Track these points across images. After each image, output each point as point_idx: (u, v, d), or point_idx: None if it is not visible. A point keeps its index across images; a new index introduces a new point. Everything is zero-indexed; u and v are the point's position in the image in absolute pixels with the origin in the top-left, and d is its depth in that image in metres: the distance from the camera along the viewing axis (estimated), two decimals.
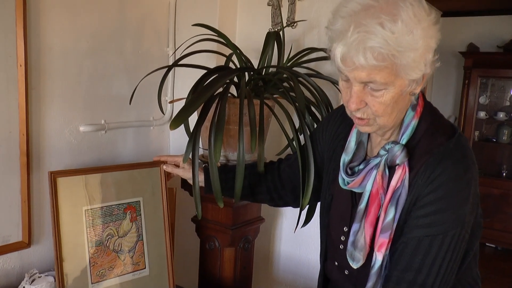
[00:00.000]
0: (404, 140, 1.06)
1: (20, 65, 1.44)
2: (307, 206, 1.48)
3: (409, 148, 1.04)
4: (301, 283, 2.03)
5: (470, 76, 4.37)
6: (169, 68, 1.52)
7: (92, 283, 1.31)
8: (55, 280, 1.27)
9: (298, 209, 1.38)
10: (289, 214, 2.01)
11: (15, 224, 1.51)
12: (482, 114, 4.50)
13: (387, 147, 1.05)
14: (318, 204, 1.36)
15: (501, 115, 4.47)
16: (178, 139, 2.03)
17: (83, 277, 1.30)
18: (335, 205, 1.22)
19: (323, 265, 1.29)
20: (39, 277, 1.29)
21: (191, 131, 1.31)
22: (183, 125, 1.63)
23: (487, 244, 4.46)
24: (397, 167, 1.04)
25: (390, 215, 1.03)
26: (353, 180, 1.10)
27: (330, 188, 1.23)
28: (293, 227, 1.99)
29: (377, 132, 1.07)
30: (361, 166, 1.10)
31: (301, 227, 1.47)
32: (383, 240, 1.04)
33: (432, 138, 1.05)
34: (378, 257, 1.04)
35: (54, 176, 1.27)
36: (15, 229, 1.51)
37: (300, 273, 2.02)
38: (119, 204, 1.39)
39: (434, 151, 1.03)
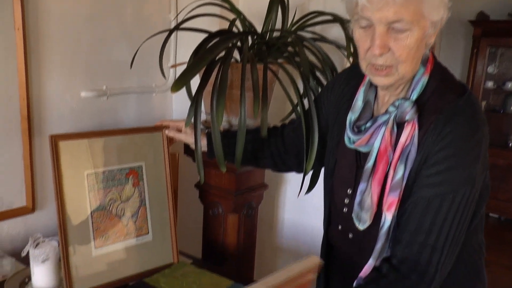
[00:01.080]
0: (414, 97, 1.04)
1: (18, 29, 1.41)
2: (311, 172, 1.47)
3: (419, 105, 1.03)
4: (304, 250, 2.04)
5: (479, 45, 4.29)
6: (170, 32, 1.49)
7: (95, 248, 1.32)
8: (59, 245, 1.27)
9: (302, 175, 1.37)
10: (292, 181, 2.00)
11: (18, 189, 1.51)
12: (490, 84, 4.44)
13: (396, 103, 1.03)
14: (322, 170, 1.35)
15: (510, 85, 4.40)
16: (180, 106, 2.02)
17: (87, 241, 1.30)
18: (338, 168, 1.20)
19: (326, 231, 1.28)
20: (43, 241, 1.29)
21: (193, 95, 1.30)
22: (185, 90, 1.61)
23: (490, 214, 4.47)
24: (406, 124, 1.02)
25: (399, 173, 1.02)
26: (359, 138, 1.09)
27: (334, 151, 1.21)
28: (296, 194, 2.00)
29: (394, 85, 1.04)
30: (368, 124, 1.08)
31: (305, 193, 1.47)
32: (392, 199, 1.02)
33: (442, 96, 1.03)
34: (388, 216, 1.03)
35: (55, 140, 1.25)
36: (19, 194, 1.52)
37: (304, 240, 2.03)
38: (121, 169, 1.38)
39: (444, 109, 1.01)
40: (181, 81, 1.21)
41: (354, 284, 1.09)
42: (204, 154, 1.37)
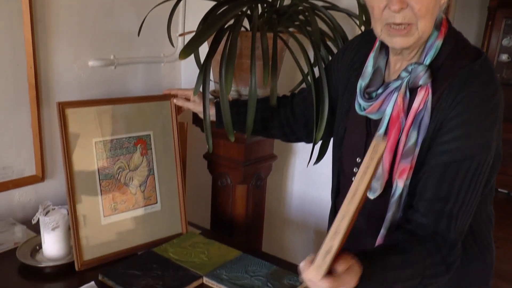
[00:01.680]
0: (427, 61, 1.01)
1: None
2: (320, 142, 1.45)
3: (432, 70, 1.00)
4: (312, 223, 2.04)
5: (494, 17, 4.19)
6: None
7: (104, 216, 1.32)
8: (68, 213, 1.28)
9: (311, 147, 1.36)
10: (301, 152, 1.99)
11: (28, 158, 1.52)
12: (504, 57, 4.35)
13: (409, 68, 1.00)
14: (331, 140, 1.33)
15: None
16: (189, 76, 2.00)
17: (96, 210, 1.31)
18: (348, 137, 1.18)
19: (334, 201, 1.27)
20: (53, 209, 1.30)
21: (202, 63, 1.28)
22: (194, 60, 1.59)
23: (499, 189, 4.44)
24: (419, 89, 1.00)
25: (412, 139, 1.00)
26: (371, 105, 1.06)
27: (343, 120, 1.19)
28: (305, 165, 1.98)
29: (410, 47, 1.01)
30: (379, 91, 1.06)
31: (314, 163, 1.46)
32: (404, 166, 1.00)
33: (457, 60, 1.00)
34: (399, 184, 1.01)
35: (62, 107, 1.24)
36: (29, 163, 1.52)
37: (312, 213, 2.03)
38: (129, 137, 1.37)
39: (459, 73, 0.98)
40: (190, 48, 1.19)
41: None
42: (212, 124, 1.36)
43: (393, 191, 1.02)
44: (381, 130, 1.04)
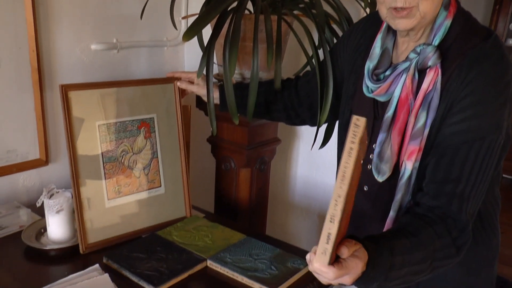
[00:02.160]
0: (436, 42, 0.99)
1: None
2: (325, 126, 1.44)
3: (441, 50, 0.98)
4: (316, 207, 2.04)
5: (501, 1, 4.13)
6: None
7: (108, 199, 1.32)
8: (72, 196, 1.28)
9: (315, 130, 1.35)
10: (305, 136, 1.98)
11: (31, 141, 1.51)
12: (511, 42, 4.30)
13: (418, 49, 0.99)
14: (336, 124, 1.32)
15: None
16: (192, 60, 1.98)
17: (100, 192, 1.31)
18: None
19: None
20: (57, 192, 1.30)
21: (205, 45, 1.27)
22: (197, 45, 1.58)
23: (504, 175, 4.42)
24: (428, 70, 0.98)
25: (421, 121, 0.98)
26: (379, 87, 1.05)
27: (349, 102, 1.18)
28: (309, 149, 1.98)
29: (415, 28, 1.00)
30: (387, 72, 1.04)
31: (319, 148, 1.45)
32: (413, 148, 0.99)
33: (467, 40, 0.98)
34: (408, 166, 1.00)
35: (65, 90, 1.24)
36: (32, 146, 1.52)
37: (316, 197, 2.02)
38: (133, 120, 1.36)
39: (469, 53, 0.96)
40: (193, 30, 1.18)
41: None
42: (216, 107, 1.35)
43: (401, 173, 1.01)
44: (390, 112, 1.03)
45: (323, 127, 1.39)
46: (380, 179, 1.05)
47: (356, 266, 0.81)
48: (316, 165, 1.98)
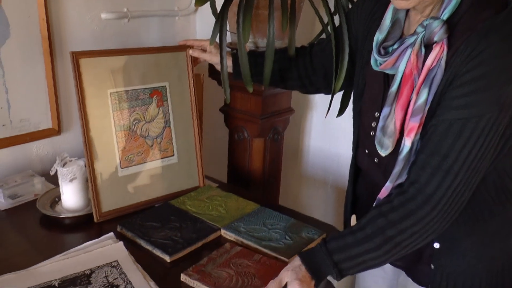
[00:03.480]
0: (445, 16, 0.93)
1: None
2: (342, 94, 1.42)
3: (451, 25, 0.93)
4: (329, 179, 2.02)
5: None
6: None
7: (121, 168, 1.32)
8: (85, 165, 1.27)
9: (329, 101, 1.32)
10: (319, 107, 1.95)
11: (43, 111, 1.51)
12: None
13: (425, 23, 0.94)
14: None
15: None
16: (204, 31, 1.95)
17: (112, 161, 1.30)
18: (367, 89, 1.14)
19: (354, 154, 1.25)
20: (70, 160, 1.30)
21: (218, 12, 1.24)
22: (209, 14, 1.54)
23: None
24: (434, 45, 0.94)
25: (422, 97, 0.95)
26: (385, 61, 1.02)
27: (363, 71, 1.15)
28: (323, 120, 1.95)
29: (415, 7, 0.96)
30: (395, 46, 1.00)
31: (336, 116, 1.42)
32: (413, 125, 0.96)
33: (478, 13, 0.92)
34: (407, 142, 0.97)
35: (76, 57, 1.22)
36: (44, 116, 1.51)
37: (329, 169, 2.01)
38: (145, 89, 1.35)
39: (479, 26, 0.90)
40: None
41: (374, 204, 1.07)
42: (229, 76, 1.33)
43: (400, 149, 0.99)
44: (394, 87, 1.00)
45: (338, 95, 1.36)
46: (383, 153, 1.04)
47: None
48: (329, 136, 1.96)
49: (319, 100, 1.93)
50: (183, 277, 1.05)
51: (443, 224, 0.94)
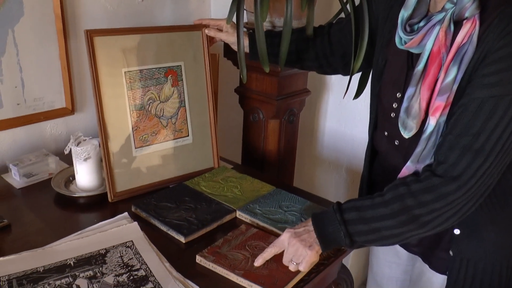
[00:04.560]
0: None
1: None
2: (359, 76, 1.38)
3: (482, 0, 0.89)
4: (345, 161, 2.00)
5: None
6: None
7: (135, 148, 1.31)
8: (99, 145, 1.26)
9: (345, 83, 1.29)
10: (335, 88, 1.92)
11: (57, 90, 1.50)
12: None
13: None
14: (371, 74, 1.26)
15: None
16: (219, 12, 1.92)
17: (127, 141, 1.29)
18: (388, 69, 1.11)
19: (371, 136, 1.22)
20: (84, 140, 1.29)
21: None
22: None
23: None
24: (465, 21, 0.89)
25: (451, 75, 0.91)
26: (411, 39, 0.98)
27: (384, 51, 1.12)
28: (339, 102, 1.92)
29: None
30: (421, 23, 0.97)
31: (354, 98, 1.39)
32: (438, 104, 0.93)
33: None
34: (431, 121, 0.94)
35: (90, 35, 1.20)
36: (58, 95, 1.50)
37: (344, 151, 1.98)
38: (160, 68, 1.32)
39: None
40: None
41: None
42: (245, 56, 1.30)
43: (425, 128, 0.96)
44: (420, 66, 0.97)
45: (356, 77, 1.32)
46: (406, 135, 1.01)
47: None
48: (345, 118, 1.93)
49: (335, 81, 1.90)
50: (198, 259, 1.04)
51: (467, 206, 0.91)
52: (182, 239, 1.12)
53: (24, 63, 1.40)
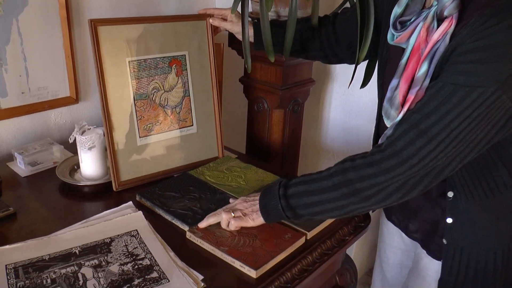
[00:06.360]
0: None
1: None
2: (366, 64, 1.37)
3: (466, 0, 0.88)
4: (348, 151, 2.00)
5: None
6: None
7: (140, 137, 1.31)
8: (104, 134, 1.27)
9: (350, 73, 1.28)
10: (340, 79, 1.91)
11: (61, 79, 1.50)
12: None
13: None
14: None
15: None
16: (224, 1, 1.91)
17: (131, 130, 1.29)
18: (390, 60, 1.12)
19: (377, 126, 1.22)
20: (88, 129, 1.29)
21: None
22: None
23: None
24: (444, 20, 0.90)
25: (422, 69, 0.93)
26: (400, 35, 0.99)
27: (387, 43, 1.11)
28: (343, 92, 1.91)
29: None
30: (412, 19, 0.98)
31: (360, 87, 1.38)
32: (409, 96, 0.95)
33: None
34: (402, 112, 0.96)
35: (94, 24, 1.20)
36: (62, 84, 1.51)
37: (348, 141, 1.98)
38: (164, 57, 1.32)
39: (495, 3, 0.83)
40: None
41: None
42: (250, 46, 1.29)
43: (398, 118, 0.97)
44: (403, 59, 0.98)
45: (362, 66, 1.32)
46: (388, 124, 1.02)
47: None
48: (349, 108, 1.92)
49: (340, 71, 1.89)
50: (188, 234, 1.08)
51: (410, 183, 0.91)
52: (186, 229, 1.12)
53: (28, 52, 1.40)
